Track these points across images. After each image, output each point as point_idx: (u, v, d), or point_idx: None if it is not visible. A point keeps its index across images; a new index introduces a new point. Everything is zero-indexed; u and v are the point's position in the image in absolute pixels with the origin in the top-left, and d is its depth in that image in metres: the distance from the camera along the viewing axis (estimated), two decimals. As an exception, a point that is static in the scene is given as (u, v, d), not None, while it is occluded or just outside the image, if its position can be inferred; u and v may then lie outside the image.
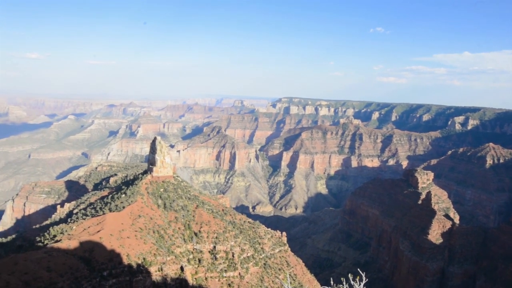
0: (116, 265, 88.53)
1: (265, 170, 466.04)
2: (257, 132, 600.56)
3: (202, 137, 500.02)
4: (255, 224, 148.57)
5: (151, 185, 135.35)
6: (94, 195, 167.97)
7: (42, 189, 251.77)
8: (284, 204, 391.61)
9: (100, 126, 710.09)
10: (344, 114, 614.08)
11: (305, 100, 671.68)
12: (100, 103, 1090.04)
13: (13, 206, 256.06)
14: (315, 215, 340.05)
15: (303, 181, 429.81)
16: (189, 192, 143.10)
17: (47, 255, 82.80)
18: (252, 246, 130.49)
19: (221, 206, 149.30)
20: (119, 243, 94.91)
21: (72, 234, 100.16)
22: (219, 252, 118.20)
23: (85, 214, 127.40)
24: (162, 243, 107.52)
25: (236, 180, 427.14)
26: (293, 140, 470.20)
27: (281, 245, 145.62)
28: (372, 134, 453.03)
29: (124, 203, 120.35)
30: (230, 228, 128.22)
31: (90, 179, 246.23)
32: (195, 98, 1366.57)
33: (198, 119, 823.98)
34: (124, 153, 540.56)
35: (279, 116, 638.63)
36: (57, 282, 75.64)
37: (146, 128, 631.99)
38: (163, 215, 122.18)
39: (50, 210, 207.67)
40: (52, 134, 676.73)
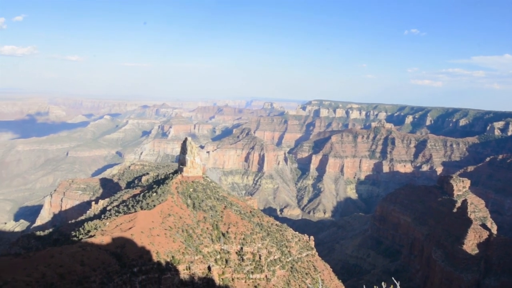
0: (146, 262, 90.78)
1: (294, 173, 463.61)
2: (286, 134, 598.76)
3: (231, 139, 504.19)
4: (283, 227, 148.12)
5: (181, 185, 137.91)
6: (126, 193, 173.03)
7: (78, 186, 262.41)
8: (312, 207, 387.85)
9: (133, 126, 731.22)
10: (376, 118, 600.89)
11: (335, 103, 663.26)
12: (134, 104, 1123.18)
13: (51, 201, 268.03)
14: (344, 220, 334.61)
15: (332, 185, 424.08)
16: (218, 193, 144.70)
17: (81, 249, 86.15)
18: (279, 249, 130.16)
19: (249, 208, 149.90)
20: (149, 240, 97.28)
21: (105, 230, 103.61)
22: (246, 254, 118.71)
23: (117, 211, 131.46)
24: (190, 242, 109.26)
25: (264, 182, 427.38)
26: (322, 143, 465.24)
27: (309, 249, 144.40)
28: (405, 139, 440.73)
29: (155, 201, 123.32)
30: (257, 230, 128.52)
31: (123, 177, 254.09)
32: (225, 100, 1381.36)
33: (228, 120, 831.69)
34: (156, 152, 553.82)
35: (309, 119, 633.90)
36: (89, 276, 78.55)
37: (178, 129, 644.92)
38: (192, 215, 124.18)
39: (85, 206, 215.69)
40: (89, 133, 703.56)
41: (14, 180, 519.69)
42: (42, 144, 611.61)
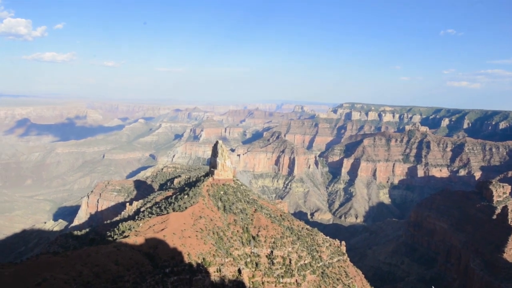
0: (178, 263, 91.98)
1: (325, 176, 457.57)
2: (317, 138, 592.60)
3: (261, 142, 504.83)
4: (313, 231, 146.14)
5: (212, 188, 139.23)
6: (159, 195, 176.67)
7: (113, 187, 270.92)
8: (343, 212, 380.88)
9: (166, 130, 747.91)
10: (410, 121, 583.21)
11: (368, 105, 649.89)
12: (167, 108, 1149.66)
13: (88, 202, 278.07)
14: (377, 225, 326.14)
15: (364, 189, 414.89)
16: (248, 196, 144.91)
17: (116, 249, 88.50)
18: (309, 253, 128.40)
19: (279, 211, 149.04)
20: (181, 242, 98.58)
21: (139, 231, 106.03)
22: (276, 257, 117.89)
23: (151, 212, 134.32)
24: (221, 245, 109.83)
25: (295, 186, 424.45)
26: (354, 146, 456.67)
27: (340, 255, 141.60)
28: (441, 142, 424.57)
29: (186, 203, 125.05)
30: (287, 233, 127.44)
31: (156, 179, 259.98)
32: (256, 103, 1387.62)
33: (259, 124, 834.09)
34: (188, 155, 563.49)
35: (340, 122, 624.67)
36: (124, 275, 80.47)
37: (209, 132, 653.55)
38: (223, 217, 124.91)
39: (120, 207, 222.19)
40: (124, 136, 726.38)
41: (54, 181, 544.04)
42: (80, 146, 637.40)
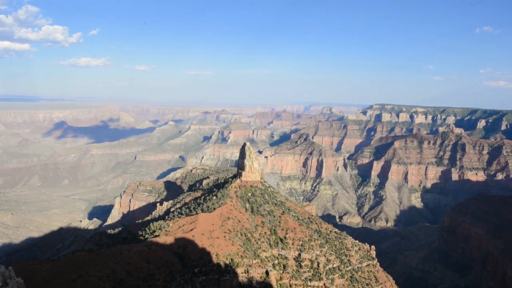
0: (206, 263, 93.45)
1: (354, 179, 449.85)
2: (345, 140, 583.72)
3: (289, 144, 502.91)
4: (342, 234, 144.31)
5: (240, 189, 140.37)
6: (188, 196, 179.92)
7: (145, 188, 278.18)
8: (373, 216, 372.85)
9: (195, 132, 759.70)
10: (444, 122, 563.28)
11: (399, 107, 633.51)
12: (196, 110, 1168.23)
13: (121, 202, 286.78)
14: (408, 230, 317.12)
15: (395, 193, 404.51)
16: (276, 198, 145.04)
17: (147, 248, 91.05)
18: (338, 257, 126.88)
19: (307, 214, 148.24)
20: (210, 242, 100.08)
21: (169, 231, 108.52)
22: (304, 260, 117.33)
23: (180, 212, 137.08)
24: (248, 246, 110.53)
25: (323, 188, 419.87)
26: (384, 149, 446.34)
27: (370, 259, 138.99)
28: (477, 145, 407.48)
29: (215, 204, 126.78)
30: (315, 236, 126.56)
31: (185, 180, 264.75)
32: (283, 105, 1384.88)
33: (286, 125, 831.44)
34: (216, 157, 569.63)
35: (370, 124, 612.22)
36: (154, 274, 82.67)
37: (237, 134, 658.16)
38: (250, 219, 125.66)
39: (151, 207, 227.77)
40: (155, 139, 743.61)
41: (89, 181, 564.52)
42: (113, 148, 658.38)
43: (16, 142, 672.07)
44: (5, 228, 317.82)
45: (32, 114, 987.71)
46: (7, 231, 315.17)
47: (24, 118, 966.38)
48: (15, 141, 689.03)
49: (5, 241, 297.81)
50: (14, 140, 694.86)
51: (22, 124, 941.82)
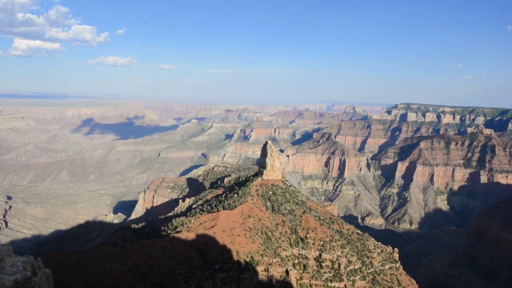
0: (227, 260, 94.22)
1: (377, 180, 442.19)
2: (369, 139, 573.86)
3: (311, 143, 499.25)
4: (364, 236, 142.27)
5: (261, 188, 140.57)
6: (210, 193, 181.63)
7: (168, 184, 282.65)
8: (397, 218, 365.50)
9: (217, 130, 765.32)
10: (473, 123, 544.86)
11: (425, 106, 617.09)
12: (219, 108, 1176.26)
13: (144, 197, 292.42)
14: (433, 233, 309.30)
15: (420, 194, 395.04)
16: (297, 197, 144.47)
17: (169, 243, 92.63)
18: (359, 258, 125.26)
19: (329, 214, 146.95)
20: (230, 240, 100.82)
21: (190, 227, 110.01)
22: (324, 261, 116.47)
23: (202, 209, 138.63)
24: (269, 245, 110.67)
25: (345, 189, 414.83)
26: (409, 149, 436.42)
27: (392, 262, 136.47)
28: (507, 146, 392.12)
29: (236, 202, 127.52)
30: (337, 237, 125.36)
31: (207, 178, 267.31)
32: (306, 104, 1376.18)
33: (308, 124, 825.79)
34: (238, 155, 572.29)
35: (395, 124, 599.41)
36: (175, 269, 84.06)
37: (258, 133, 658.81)
38: (271, 218, 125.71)
39: (173, 203, 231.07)
40: (178, 136, 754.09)
41: (114, 177, 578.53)
42: (138, 145, 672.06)
43: (46, 138, 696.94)
44: (35, 220, 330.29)
45: (62, 111, 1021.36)
46: (36, 223, 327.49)
47: (54, 115, 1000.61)
48: (45, 136, 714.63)
49: (34, 233, 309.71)
50: (44, 136, 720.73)
51: (52, 120, 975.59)
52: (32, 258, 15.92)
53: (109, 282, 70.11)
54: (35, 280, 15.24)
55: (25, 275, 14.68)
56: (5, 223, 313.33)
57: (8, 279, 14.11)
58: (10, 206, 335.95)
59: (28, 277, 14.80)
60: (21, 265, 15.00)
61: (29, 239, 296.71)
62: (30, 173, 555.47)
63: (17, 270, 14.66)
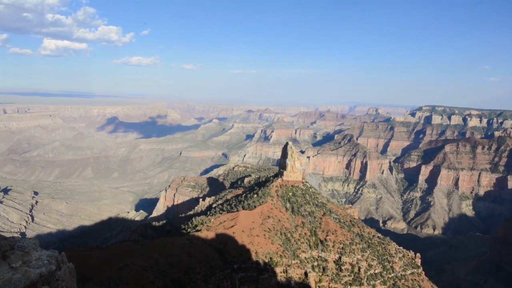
0: (246, 260, 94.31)
1: (399, 183, 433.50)
2: (392, 142, 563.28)
3: (332, 145, 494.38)
4: (386, 240, 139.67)
5: (281, 188, 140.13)
6: (230, 193, 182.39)
7: (188, 183, 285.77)
8: (419, 222, 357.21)
9: (238, 130, 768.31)
10: (501, 126, 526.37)
11: (450, 108, 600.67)
12: (240, 109, 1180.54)
13: (166, 195, 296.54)
14: (457, 239, 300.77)
15: (444, 199, 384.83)
16: (317, 199, 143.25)
17: (189, 242, 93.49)
18: (380, 263, 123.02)
19: (349, 217, 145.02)
20: (249, 240, 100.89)
21: (210, 226, 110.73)
22: (344, 264, 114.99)
23: (221, 209, 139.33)
24: (288, 246, 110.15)
25: (366, 191, 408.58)
26: (434, 153, 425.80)
27: (414, 267, 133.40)
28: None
29: (255, 202, 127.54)
30: (357, 240, 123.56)
31: (228, 177, 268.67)
32: (327, 105, 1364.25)
33: (330, 126, 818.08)
34: (258, 155, 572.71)
35: (419, 126, 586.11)
36: (195, 267, 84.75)
37: (279, 133, 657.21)
38: (291, 219, 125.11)
39: (194, 202, 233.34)
40: (199, 135, 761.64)
41: (137, 175, 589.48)
42: (160, 144, 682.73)
43: (72, 135, 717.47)
44: (60, 216, 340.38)
45: (87, 110, 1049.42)
46: (61, 218, 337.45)
47: (80, 113, 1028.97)
48: (71, 134, 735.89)
49: (59, 228, 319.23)
50: (70, 134, 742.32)
51: (78, 118, 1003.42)
52: (56, 253, 16.27)
53: (130, 278, 71.35)
54: (59, 274, 15.55)
55: (49, 269, 15.01)
56: (32, 218, 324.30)
57: (34, 272, 14.45)
58: (36, 201, 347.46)
59: (52, 270, 15.13)
60: (46, 259, 15.35)
61: (54, 234, 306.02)
62: (56, 170, 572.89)
63: (42, 263, 15.00)
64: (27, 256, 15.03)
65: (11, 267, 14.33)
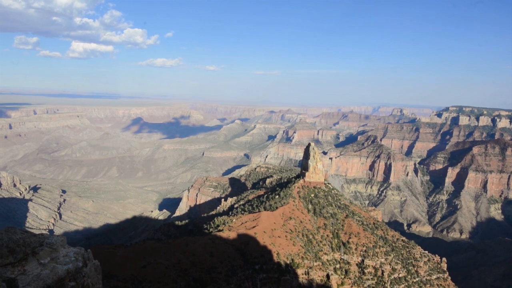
0: (267, 261, 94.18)
1: (425, 186, 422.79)
2: (417, 143, 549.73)
3: (355, 146, 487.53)
4: (410, 243, 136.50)
5: (303, 190, 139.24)
6: (252, 193, 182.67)
7: (211, 183, 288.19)
8: (446, 226, 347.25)
9: (260, 131, 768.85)
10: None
11: (479, 109, 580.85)
12: (262, 109, 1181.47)
13: (188, 195, 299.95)
14: (485, 244, 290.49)
15: (472, 202, 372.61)
16: (339, 201, 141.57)
17: (211, 241, 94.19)
18: (404, 267, 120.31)
19: (372, 219, 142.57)
20: (271, 241, 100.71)
21: (232, 226, 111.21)
22: (367, 267, 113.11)
23: (243, 209, 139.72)
24: (310, 248, 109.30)
25: (390, 194, 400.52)
26: (461, 154, 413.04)
27: (440, 272, 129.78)
28: None
29: (277, 203, 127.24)
30: (381, 243, 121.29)
31: (249, 178, 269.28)
32: (350, 106, 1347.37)
33: (353, 127, 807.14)
34: (280, 156, 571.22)
35: (445, 127, 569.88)
36: (217, 267, 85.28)
37: (301, 134, 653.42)
38: (312, 220, 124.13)
39: (216, 202, 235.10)
40: (221, 136, 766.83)
41: (160, 174, 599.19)
42: (183, 144, 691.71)
43: (99, 136, 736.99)
44: (87, 214, 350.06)
45: (113, 110, 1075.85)
46: (88, 216, 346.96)
47: (106, 114, 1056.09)
48: (97, 134, 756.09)
49: (85, 226, 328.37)
50: (97, 134, 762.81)
51: (104, 119, 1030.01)
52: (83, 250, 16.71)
53: (153, 276, 72.53)
54: (85, 271, 15.95)
55: (76, 266, 15.42)
56: (60, 215, 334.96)
57: (61, 268, 14.87)
58: (64, 199, 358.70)
59: (79, 267, 15.54)
60: (73, 256, 15.77)
61: (81, 231, 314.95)
62: (83, 169, 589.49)
63: (70, 260, 15.42)
64: (55, 252, 15.51)
65: (40, 263, 14.83)
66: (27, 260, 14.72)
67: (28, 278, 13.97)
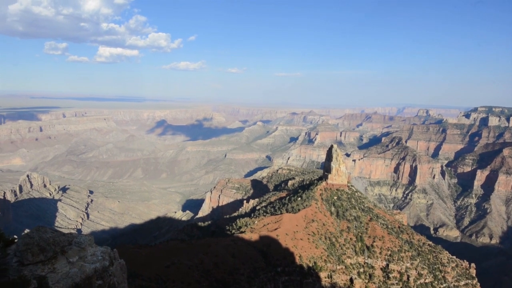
0: (289, 264, 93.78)
1: (452, 189, 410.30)
2: (444, 145, 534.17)
3: (379, 148, 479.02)
4: (437, 248, 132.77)
5: (325, 192, 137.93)
6: (274, 195, 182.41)
7: (233, 185, 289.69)
8: (475, 230, 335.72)
9: (282, 132, 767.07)
10: None
11: (509, 110, 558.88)
12: (284, 111, 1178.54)
13: (211, 197, 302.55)
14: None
15: (502, 206, 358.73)
16: (363, 204, 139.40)
17: (233, 243, 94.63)
18: (431, 272, 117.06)
19: (397, 223, 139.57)
20: (293, 243, 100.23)
21: (254, 228, 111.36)
22: (392, 272, 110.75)
23: (265, 211, 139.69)
24: (333, 251, 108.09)
25: (416, 197, 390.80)
26: (491, 156, 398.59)
27: (469, 278, 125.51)
28: None
29: (299, 206, 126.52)
30: (406, 248, 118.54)
31: (271, 180, 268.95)
32: (374, 107, 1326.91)
33: (376, 128, 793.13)
34: (302, 158, 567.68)
35: (474, 128, 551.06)
36: (239, 268, 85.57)
37: (324, 136, 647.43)
38: (335, 223, 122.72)
39: (238, 204, 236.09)
40: (244, 138, 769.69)
41: (184, 176, 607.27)
42: (206, 146, 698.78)
43: (124, 138, 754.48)
44: (113, 214, 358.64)
45: (138, 113, 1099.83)
46: (114, 216, 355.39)
47: (132, 117, 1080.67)
48: (123, 136, 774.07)
49: (111, 225, 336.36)
50: (122, 136, 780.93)
51: (130, 121, 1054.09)
52: (109, 249, 17.17)
53: (176, 276, 73.55)
54: (111, 270, 16.38)
55: (103, 264, 15.86)
56: (87, 215, 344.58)
57: (89, 267, 15.33)
58: (91, 200, 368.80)
59: (106, 266, 15.97)
60: (100, 255, 16.23)
61: (107, 231, 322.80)
62: (110, 170, 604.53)
63: (97, 259, 15.88)
64: (83, 251, 16.03)
65: (69, 261, 15.35)
66: (57, 259, 15.27)
67: (58, 276, 14.48)
